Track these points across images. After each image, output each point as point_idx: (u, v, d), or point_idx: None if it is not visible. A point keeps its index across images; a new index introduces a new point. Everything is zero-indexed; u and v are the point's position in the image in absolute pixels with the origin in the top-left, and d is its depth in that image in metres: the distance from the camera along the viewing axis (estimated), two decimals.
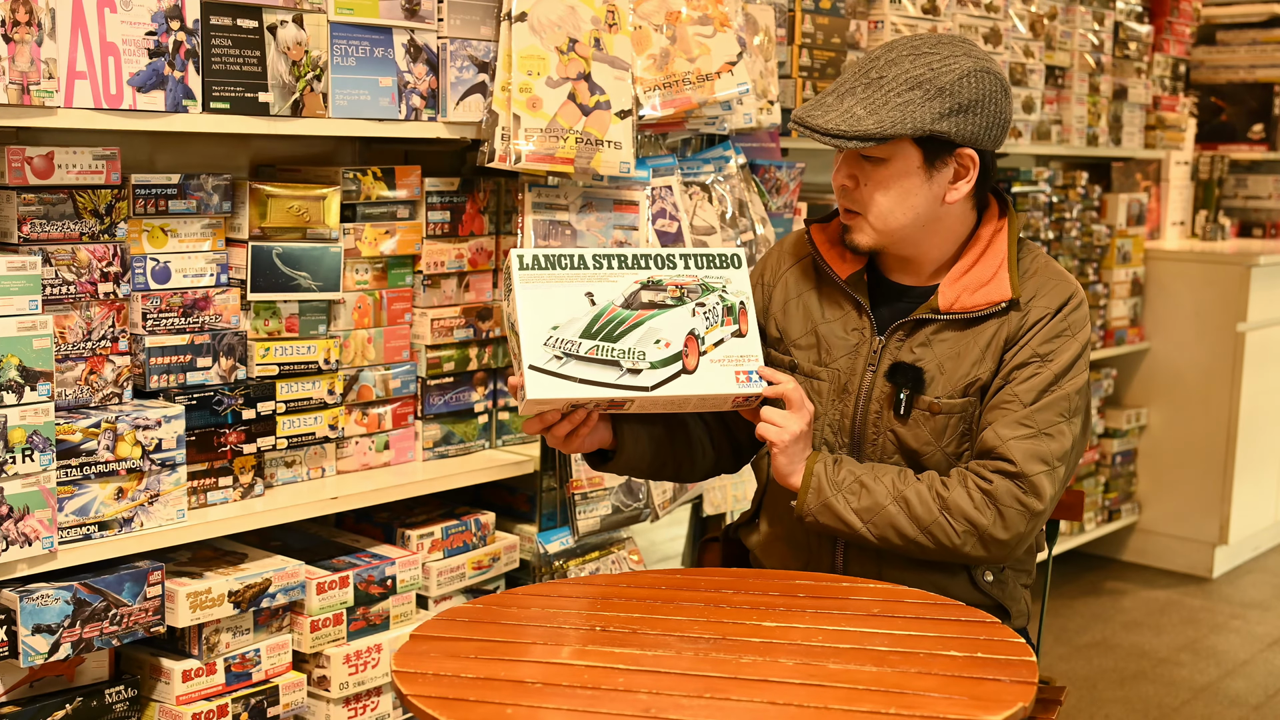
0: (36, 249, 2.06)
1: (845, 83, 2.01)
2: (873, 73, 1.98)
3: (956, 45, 2.00)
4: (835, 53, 3.36)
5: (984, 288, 2.03)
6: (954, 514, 1.97)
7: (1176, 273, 4.84)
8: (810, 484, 2.01)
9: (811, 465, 2.02)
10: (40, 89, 1.97)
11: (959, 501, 1.97)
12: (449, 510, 2.72)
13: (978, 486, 1.97)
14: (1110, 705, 3.72)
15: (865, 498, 1.99)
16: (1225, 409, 4.72)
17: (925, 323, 2.05)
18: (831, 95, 2.01)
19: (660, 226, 2.71)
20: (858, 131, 1.95)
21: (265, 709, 2.30)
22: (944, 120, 1.95)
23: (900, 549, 2.00)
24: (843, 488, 2.00)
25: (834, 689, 1.57)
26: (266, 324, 2.40)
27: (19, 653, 2.01)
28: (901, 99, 1.95)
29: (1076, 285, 2.08)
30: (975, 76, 1.96)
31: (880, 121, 1.95)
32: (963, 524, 1.96)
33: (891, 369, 2.05)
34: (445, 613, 1.88)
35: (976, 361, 2.02)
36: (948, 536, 1.97)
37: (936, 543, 1.98)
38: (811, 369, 2.13)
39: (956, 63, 1.96)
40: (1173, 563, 4.89)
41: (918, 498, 1.98)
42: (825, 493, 2.00)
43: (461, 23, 2.54)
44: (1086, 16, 4.40)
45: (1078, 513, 2.40)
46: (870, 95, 1.96)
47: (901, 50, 1.99)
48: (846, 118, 1.96)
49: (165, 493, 2.19)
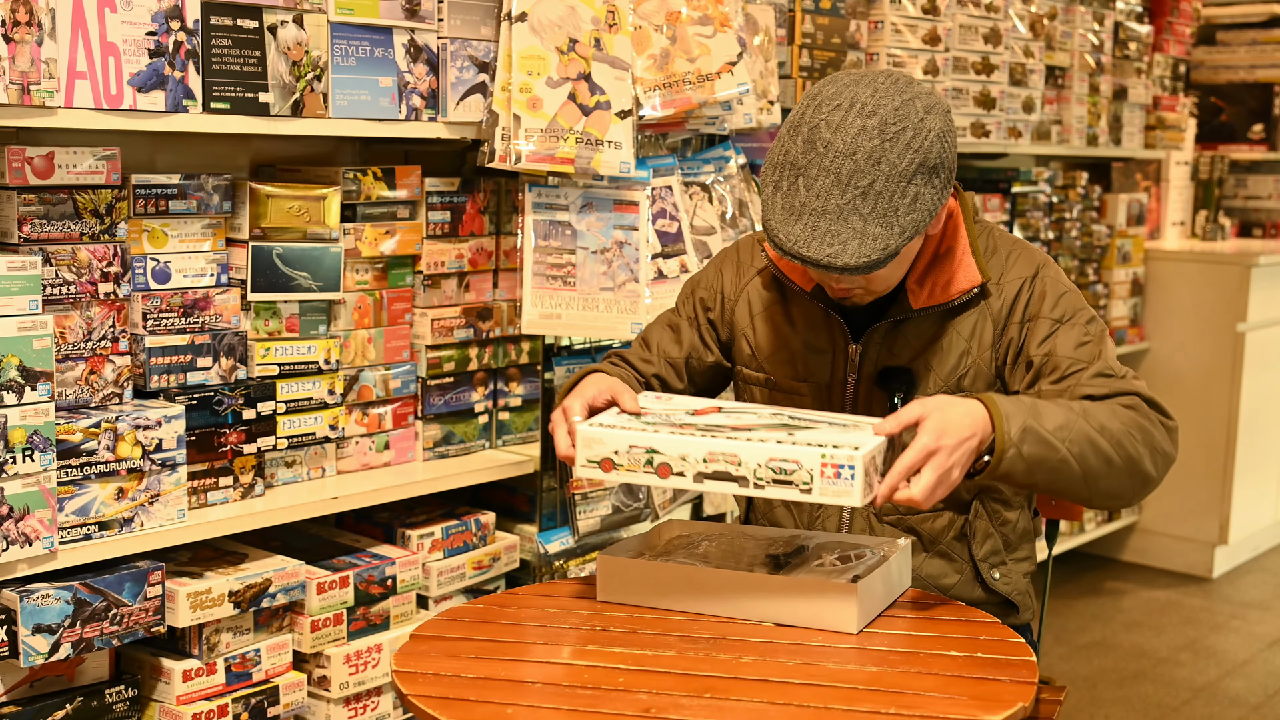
0: (37, 249, 2.06)
1: (825, 195, 1.78)
2: (859, 180, 1.77)
3: (907, 99, 1.82)
4: (835, 53, 3.36)
5: (953, 277, 1.97)
6: (1129, 425, 1.82)
7: (1176, 273, 4.84)
8: (1001, 411, 1.75)
9: (990, 403, 1.76)
10: (40, 89, 1.97)
11: (1127, 414, 1.83)
12: (449, 510, 2.72)
13: (1124, 406, 1.85)
14: (1110, 705, 3.72)
15: (1054, 415, 1.78)
16: (1225, 409, 4.72)
17: (901, 322, 2.00)
18: (819, 216, 1.78)
19: (660, 226, 2.71)
20: (889, 252, 1.79)
21: (265, 709, 2.30)
22: (943, 193, 1.84)
23: (1092, 473, 1.80)
24: (1028, 409, 1.77)
25: (834, 689, 1.57)
26: (267, 324, 2.40)
27: (19, 653, 2.01)
28: (908, 198, 1.79)
29: (1037, 249, 2.04)
30: (943, 130, 1.82)
31: (904, 230, 1.79)
32: (1140, 434, 1.83)
33: (882, 375, 2.01)
34: (445, 613, 1.88)
35: (964, 353, 1.98)
36: (1134, 448, 1.82)
37: (1125, 457, 1.81)
38: (791, 384, 2.07)
39: (925, 125, 1.80)
40: (1173, 563, 4.89)
41: (1098, 409, 1.82)
42: (1021, 417, 1.75)
43: (461, 23, 2.54)
44: (1086, 16, 4.40)
45: (1078, 513, 2.40)
46: (876, 206, 1.78)
47: (865, 137, 1.78)
48: (870, 244, 1.78)
49: (165, 493, 2.19)
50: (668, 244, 2.72)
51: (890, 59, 3.56)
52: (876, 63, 3.55)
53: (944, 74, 3.70)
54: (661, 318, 2.22)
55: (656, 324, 2.20)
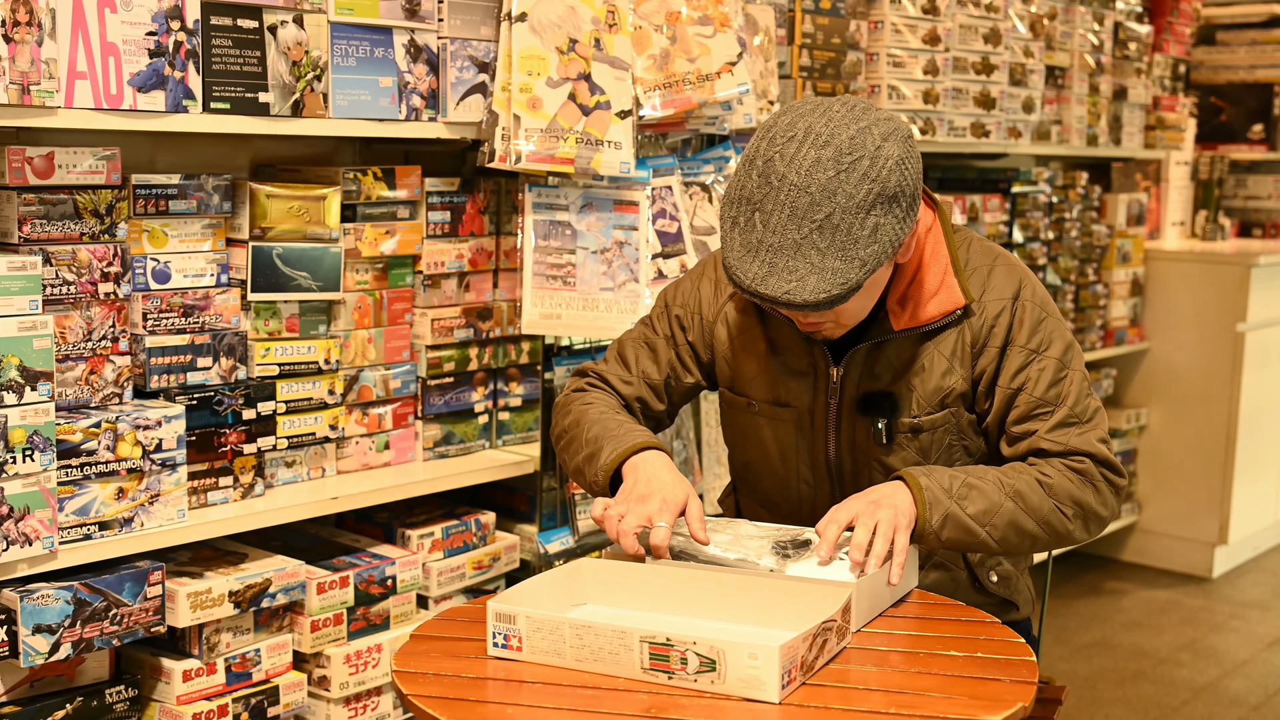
0: (37, 249, 2.06)
1: (782, 229, 1.74)
2: (815, 213, 1.72)
3: (862, 127, 1.77)
4: (835, 53, 3.36)
5: (935, 298, 1.93)
6: (1062, 498, 1.88)
7: (1176, 273, 4.84)
8: (925, 498, 1.84)
9: (915, 481, 1.85)
10: (40, 89, 1.97)
11: (1064, 485, 1.89)
12: (449, 510, 2.72)
13: (1070, 469, 1.91)
14: (1110, 705, 3.72)
15: (979, 499, 1.86)
16: (1225, 409, 4.72)
17: (882, 344, 1.96)
18: (776, 252, 1.74)
19: (660, 226, 2.71)
20: (851, 285, 1.75)
21: (265, 709, 2.30)
22: (905, 222, 1.78)
23: (1012, 549, 1.90)
24: (954, 494, 1.85)
25: (834, 689, 1.57)
26: (267, 324, 2.40)
27: (19, 653, 2.01)
28: (867, 229, 1.74)
29: (1017, 261, 2.00)
30: (902, 157, 1.77)
31: (864, 263, 1.74)
32: (1071, 507, 1.89)
33: (863, 401, 1.97)
34: (445, 613, 1.87)
35: (946, 372, 1.95)
36: (1061, 523, 1.89)
37: (1051, 532, 1.89)
38: (772, 410, 2.03)
39: (883, 153, 1.75)
40: (1173, 563, 4.89)
41: (1029, 488, 1.87)
42: (944, 504, 1.85)
43: (461, 23, 2.54)
44: (1086, 17, 4.40)
45: None
46: (834, 240, 1.73)
47: (820, 169, 1.73)
48: (829, 278, 1.74)
49: (165, 493, 2.19)
50: (668, 244, 2.72)
51: (890, 59, 3.56)
52: (876, 63, 3.55)
53: (944, 74, 3.70)
54: (637, 333, 2.15)
55: (632, 341, 2.14)
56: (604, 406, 2.04)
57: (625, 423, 2.00)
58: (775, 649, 1.51)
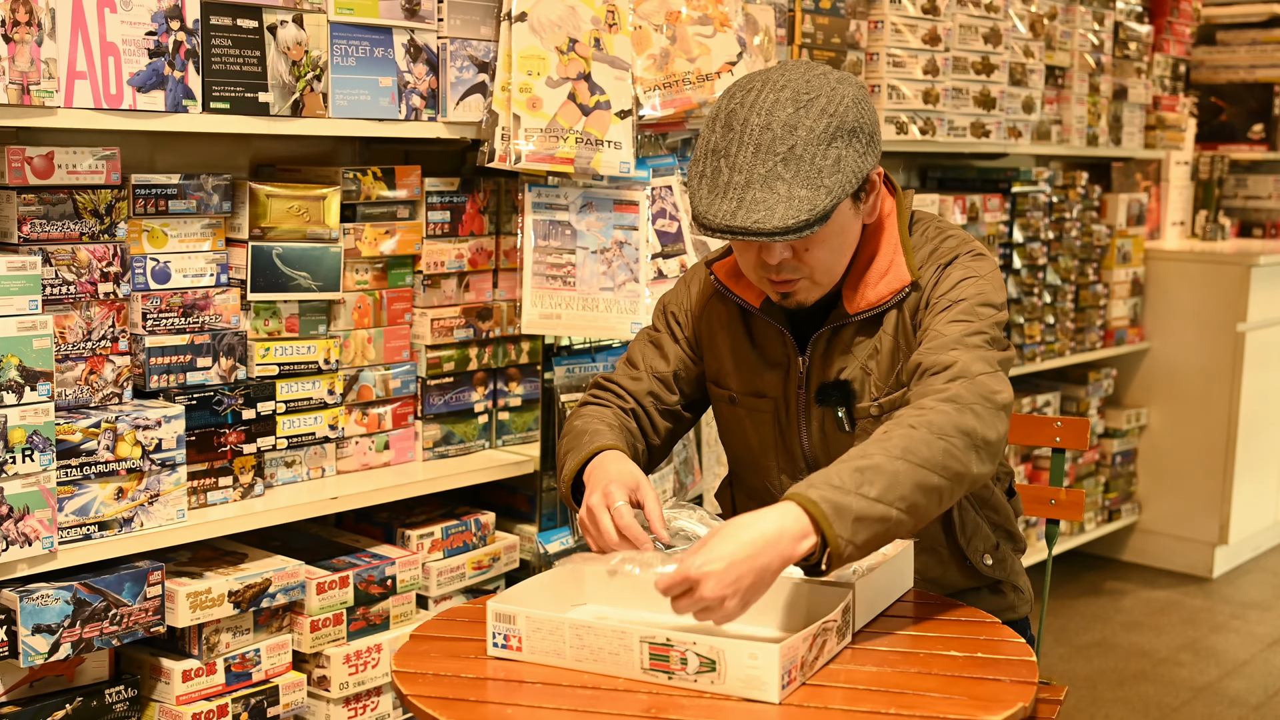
0: (36, 249, 2.06)
1: (748, 167, 1.78)
2: (778, 146, 1.78)
3: (816, 74, 1.84)
4: (835, 53, 3.36)
5: (884, 278, 1.95)
6: (947, 431, 1.72)
7: (1176, 273, 4.84)
8: (821, 511, 1.62)
9: (802, 498, 1.64)
10: (40, 89, 1.97)
11: (941, 419, 1.73)
12: (449, 510, 2.72)
13: (941, 398, 1.76)
14: (1110, 705, 3.72)
15: (875, 476, 1.66)
16: (1225, 409, 4.72)
17: (840, 329, 1.98)
18: (744, 188, 1.78)
19: (660, 226, 2.71)
20: (818, 214, 1.77)
21: (265, 709, 2.30)
22: (866, 157, 1.83)
23: (922, 517, 1.71)
24: (847, 487, 1.65)
25: (834, 689, 1.57)
26: (266, 324, 2.40)
27: (19, 653, 2.01)
28: (830, 159, 1.79)
29: (969, 238, 2.00)
30: (857, 98, 1.84)
31: (830, 191, 1.78)
32: (959, 438, 1.72)
33: (820, 393, 1.99)
34: (445, 613, 1.88)
35: (894, 349, 1.96)
36: (958, 461, 1.71)
37: (952, 475, 1.71)
38: (750, 402, 2.06)
39: (839, 93, 1.82)
40: (1173, 563, 4.89)
41: (911, 441, 1.70)
42: (848, 504, 1.63)
43: (461, 23, 2.54)
44: (1086, 16, 4.40)
45: (1077, 513, 2.40)
46: (799, 170, 1.77)
47: (780, 107, 1.79)
48: (797, 205, 1.77)
49: (165, 493, 2.19)
50: (668, 244, 2.72)
51: (890, 59, 3.56)
52: (876, 62, 3.55)
53: (944, 74, 3.70)
54: (642, 335, 2.19)
55: (638, 343, 2.17)
56: (590, 418, 2.05)
57: (594, 432, 2.01)
58: (775, 649, 1.51)
